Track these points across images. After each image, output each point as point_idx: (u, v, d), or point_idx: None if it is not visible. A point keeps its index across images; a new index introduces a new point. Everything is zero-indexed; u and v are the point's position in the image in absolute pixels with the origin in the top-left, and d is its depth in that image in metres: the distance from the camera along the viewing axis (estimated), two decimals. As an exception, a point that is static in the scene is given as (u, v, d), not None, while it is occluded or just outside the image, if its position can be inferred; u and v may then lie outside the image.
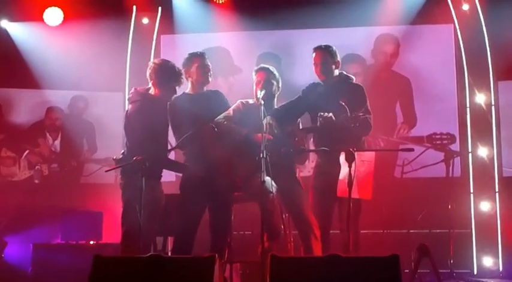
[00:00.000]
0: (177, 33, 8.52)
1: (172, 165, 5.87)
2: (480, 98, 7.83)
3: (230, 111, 5.66)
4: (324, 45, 5.67)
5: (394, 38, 8.30)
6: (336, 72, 5.64)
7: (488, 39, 7.79)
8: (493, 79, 7.82)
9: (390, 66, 8.30)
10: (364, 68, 8.20)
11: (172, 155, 6.32)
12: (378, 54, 8.34)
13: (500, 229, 7.48)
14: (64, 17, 8.33)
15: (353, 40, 8.08)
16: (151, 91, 5.65)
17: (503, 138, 7.78)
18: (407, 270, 5.51)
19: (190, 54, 5.85)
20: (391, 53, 8.32)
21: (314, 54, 5.65)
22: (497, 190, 7.62)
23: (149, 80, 5.65)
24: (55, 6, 8.37)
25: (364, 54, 8.28)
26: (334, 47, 5.66)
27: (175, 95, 5.68)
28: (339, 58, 5.64)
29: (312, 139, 5.84)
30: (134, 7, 8.53)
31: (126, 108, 5.82)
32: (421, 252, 4.85)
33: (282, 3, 8.08)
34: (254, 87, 5.68)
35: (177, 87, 5.65)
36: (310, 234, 5.41)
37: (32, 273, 6.99)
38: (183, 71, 5.71)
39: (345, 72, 5.69)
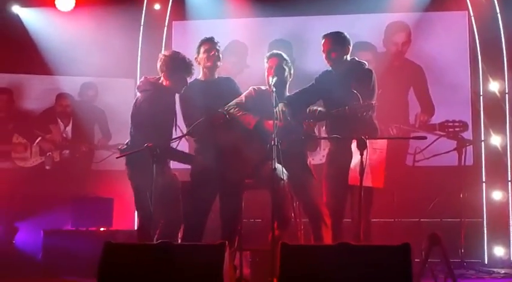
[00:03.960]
0: (189, 20, 8.49)
1: (179, 156, 5.84)
2: (494, 86, 7.75)
3: (242, 97, 5.65)
4: (332, 32, 5.65)
5: (405, 25, 8.21)
6: (347, 58, 5.60)
7: (502, 27, 7.71)
8: (507, 67, 7.74)
9: (403, 55, 8.23)
10: (375, 55, 8.13)
11: (183, 142, 6.30)
12: (389, 43, 8.26)
13: (512, 219, 7.45)
14: (76, 3, 8.30)
15: (365, 27, 8.01)
16: (162, 81, 5.66)
17: (517, 126, 7.72)
18: (418, 259, 5.47)
19: (200, 40, 5.86)
20: (403, 42, 8.22)
21: (322, 41, 5.63)
22: (509, 179, 7.57)
23: (160, 72, 5.67)
24: (67, -9, 8.36)
25: (377, 41, 8.22)
26: (344, 33, 5.63)
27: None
28: (350, 44, 5.61)
29: (324, 126, 5.82)
30: (146, -8, 8.51)
31: (136, 97, 5.83)
32: (432, 241, 4.81)
33: (293, -10, 8.06)
34: (266, 74, 5.66)
35: (188, 78, 5.66)
36: (320, 222, 5.41)
37: (43, 259, 7.02)
38: (193, 61, 5.72)
39: (356, 58, 5.66)
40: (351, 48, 5.63)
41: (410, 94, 8.13)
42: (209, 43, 5.83)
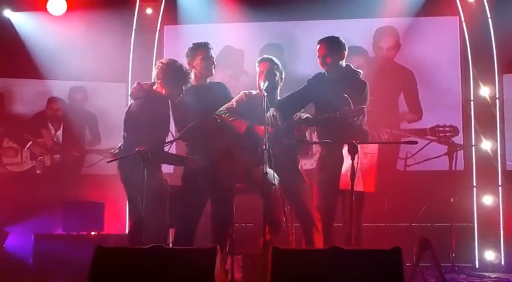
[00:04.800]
0: (181, 24, 8.49)
1: (172, 159, 5.85)
2: (484, 91, 7.78)
3: (233, 102, 5.65)
4: (328, 37, 5.63)
5: (393, 30, 8.23)
6: (342, 64, 5.60)
7: (493, 32, 7.73)
8: (498, 72, 7.77)
9: (391, 59, 8.25)
10: (367, 60, 8.16)
11: (173, 147, 6.30)
12: (377, 48, 8.28)
13: (503, 223, 7.46)
14: (67, 7, 8.28)
15: (357, 32, 8.03)
16: (156, 87, 5.64)
17: (507, 131, 7.74)
18: (409, 264, 5.49)
19: (194, 44, 5.85)
20: (391, 46, 8.23)
21: (318, 46, 5.62)
22: (500, 184, 7.59)
23: (156, 80, 5.64)
24: (58, -4, 8.35)
25: (368, 46, 8.24)
26: (340, 38, 5.62)
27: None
28: (345, 50, 5.60)
29: (315, 131, 5.82)
30: (138, -3, 8.51)
31: (129, 103, 5.82)
32: (423, 245, 4.83)
33: (286, -6, 8.07)
34: (257, 78, 5.66)
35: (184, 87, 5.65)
36: (311, 227, 5.41)
37: (33, 263, 6.99)
38: (190, 70, 5.71)
39: (352, 66, 5.65)
40: (346, 53, 5.62)
41: (401, 99, 8.14)
42: (205, 50, 5.81)
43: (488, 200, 7.58)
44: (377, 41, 8.27)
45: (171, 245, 5.90)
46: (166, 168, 6.05)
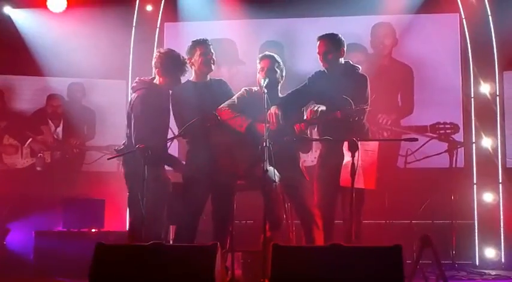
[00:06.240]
0: (181, 21, 8.48)
1: (171, 161, 5.85)
2: (485, 88, 7.77)
3: (234, 99, 5.65)
4: (328, 34, 5.63)
5: (389, 26, 8.22)
6: (341, 60, 5.60)
7: (494, 29, 7.72)
8: (498, 69, 7.77)
9: (389, 55, 8.24)
10: (366, 56, 8.15)
11: (175, 143, 6.30)
12: (375, 44, 8.28)
13: (503, 220, 7.45)
14: (67, 4, 8.28)
15: (357, 29, 8.04)
16: (156, 80, 5.70)
17: (508, 128, 7.73)
18: (409, 261, 5.49)
19: (193, 41, 5.84)
20: (388, 42, 8.23)
21: (318, 43, 5.62)
22: (500, 181, 7.58)
23: (154, 69, 5.70)
24: (58, -8, 8.34)
25: (367, 43, 8.24)
26: (339, 35, 5.62)
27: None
28: (344, 46, 5.61)
29: (316, 128, 5.81)
30: (138, -6, 8.50)
31: (130, 97, 5.85)
32: (423, 243, 4.81)
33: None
34: (258, 75, 5.66)
35: (181, 77, 5.68)
36: (312, 224, 5.42)
37: (34, 260, 7.00)
38: (187, 60, 5.73)
39: (351, 62, 5.66)
40: (345, 50, 5.63)
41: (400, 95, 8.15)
42: (204, 46, 5.80)
43: (488, 197, 7.58)
44: (374, 37, 8.27)
45: (171, 242, 5.91)
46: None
